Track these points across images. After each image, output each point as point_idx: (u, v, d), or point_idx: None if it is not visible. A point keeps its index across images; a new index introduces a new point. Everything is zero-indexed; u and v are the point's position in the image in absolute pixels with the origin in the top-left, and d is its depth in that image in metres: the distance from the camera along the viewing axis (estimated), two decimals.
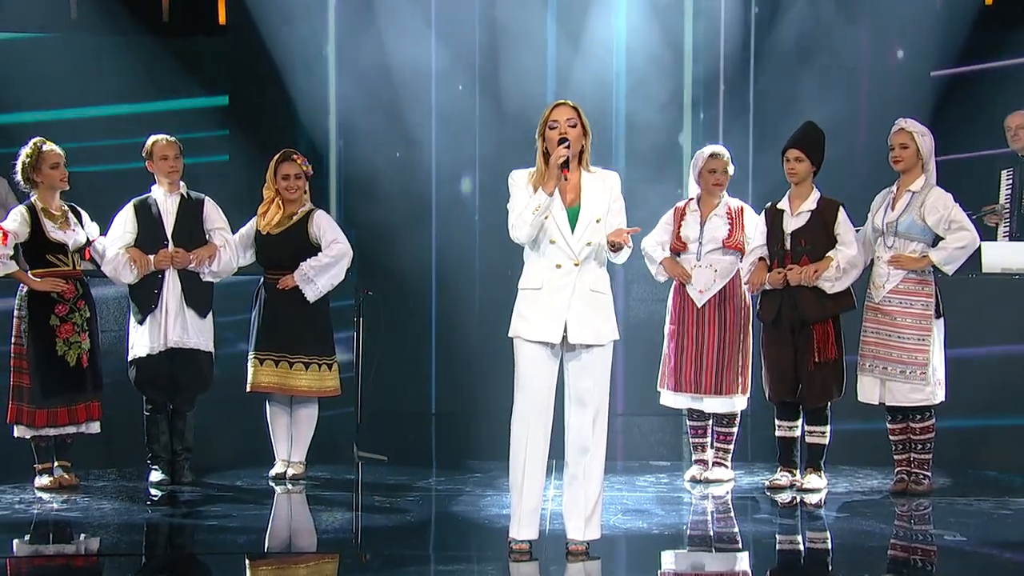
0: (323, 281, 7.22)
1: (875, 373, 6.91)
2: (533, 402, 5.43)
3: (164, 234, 7.15)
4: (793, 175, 7.05)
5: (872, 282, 6.96)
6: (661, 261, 7.31)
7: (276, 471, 7.35)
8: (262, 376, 7.21)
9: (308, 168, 7.32)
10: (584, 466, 5.50)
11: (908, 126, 6.90)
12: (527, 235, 5.43)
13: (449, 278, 10.13)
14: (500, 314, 5.69)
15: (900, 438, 6.98)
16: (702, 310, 7.22)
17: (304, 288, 7.20)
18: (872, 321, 6.95)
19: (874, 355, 6.92)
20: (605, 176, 5.56)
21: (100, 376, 7.04)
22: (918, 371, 6.83)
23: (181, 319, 7.11)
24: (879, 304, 6.92)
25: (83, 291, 6.99)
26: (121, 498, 6.84)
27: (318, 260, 7.22)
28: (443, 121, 10.09)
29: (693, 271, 7.24)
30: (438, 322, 10.16)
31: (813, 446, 7.08)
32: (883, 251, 6.93)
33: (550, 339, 5.42)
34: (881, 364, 6.90)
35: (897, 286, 6.88)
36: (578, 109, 5.52)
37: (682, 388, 7.24)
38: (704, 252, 7.24)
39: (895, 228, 6.88)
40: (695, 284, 7.23)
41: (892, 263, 6.88)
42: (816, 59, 9.95)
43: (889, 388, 6.88)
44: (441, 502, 6.83)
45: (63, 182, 6.94)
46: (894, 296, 6.88)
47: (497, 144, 9.80)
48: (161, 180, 7.22)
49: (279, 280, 7.21)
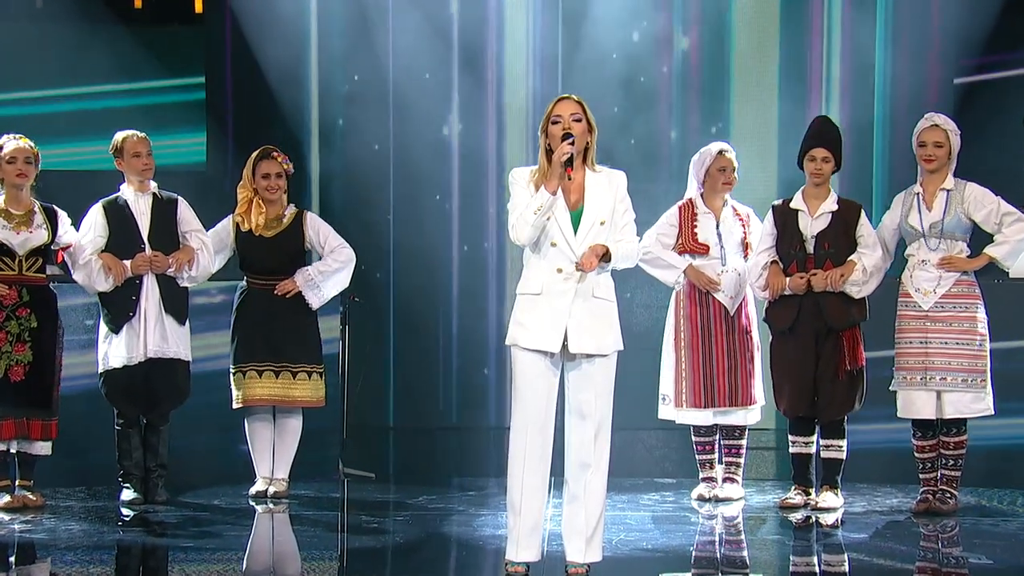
0: (329, 287, 7.25)
1: (930, 386, 6.83)
2: (531, 415, 5.42)
3: (140, 237, 7.13)
4: (819, 176, 7.04)
5: (915, 288, 6.89)
6: (685, 269, 7.27)
7: (257, 489, 7.33)
8: (258, 389, 7.19)
9: (289, 166, 7.32)
10: (585, 483, 5.48)
11: (943, 123, 6.89)
12: (528, 236, 5.43)
13: (445, 283, 10.13)
14: (497, 321, 5.70)
15: (930, 455, 6.95)
16: (732, 318, 7.22)
17: (308, 294, 7.21)
18: (918, 331, 6.87)
19: (926, 366, 6.84)
20: (611, 175, 5.55)
21: (47, 393, 6.89)
22: (979, 378, 6.80)
23: (160, 327, 7.10)
24: (929, 311, 6.85)
25: (31, 299, 6.89)
26: (90, 519, 6.83)
27: (326, 265, 7.24)
28: (435, 115, 10.09)
29: (720, 277, 7.23)
30: (430, 330, 10.15)
31: (829, 461, 7.08)
32: (927, 254, 6.88)
33: (549, 348, 5.40)
34: (939, 375, 6.83)
35: (950, 290, 6.85)
36: (583, 103, 5.50)
37: (712, 403, 7.19)
38: (728, 255, 7.24)
39: (940, 229, 6.86)
40: (725, 290, 7.22)
41: (944, 266, 6.85)
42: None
43: (948, 400, 6.82)
44: (433, 522, 6.83)
45: (20, 178, 6.88)
46: (947, 301, 6.85)
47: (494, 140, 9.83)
48: (132, 179, 7.21)
49: (276, 286, 7.20)
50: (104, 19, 10.01)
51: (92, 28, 9.97)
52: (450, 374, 10.03)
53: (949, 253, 6.85)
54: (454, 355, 9.96)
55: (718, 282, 7.21)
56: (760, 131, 10.06)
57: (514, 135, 10.02)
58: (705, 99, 10.15)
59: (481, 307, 9.90)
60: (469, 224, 10.16)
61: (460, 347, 9.93)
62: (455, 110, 10.08)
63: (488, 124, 10.06)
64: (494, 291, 9.89)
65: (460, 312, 9.96)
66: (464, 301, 9.99)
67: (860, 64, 9.98)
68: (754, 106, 10.06)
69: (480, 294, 10.03)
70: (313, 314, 7.31)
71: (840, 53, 10.03)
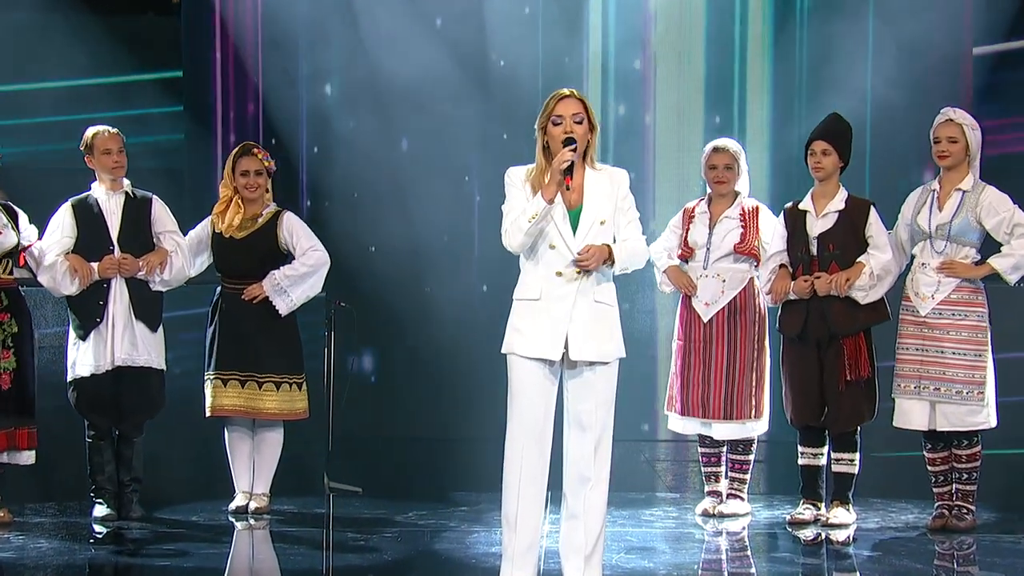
0: (298, 293, 7.21)
1: (923, 395, 6.85)
2: (528, 426, 5.42)
3: (109, 238, 7.11)
4: (819, 170, 7.03)
5: (915, 292, 6.90)
6: (665, 270, 7.31)
7: (236, 504, 7.31)
8: (225, 398, 7.18)
9: (270, 163, 7.29)
10: (584, 498, 5.49)
11: (957, 117, 6.87)
12: (521, 244, 5.42)
13: (436, 285, 10.12)
14: (493, 328, 5.68)
15: (942, 468, 6.95)
16: (708, 325, 7.20)
17: (276, 300, 7.17)
18: (915, 337, 6.90)
19: (920, 375, 6.86)
20: (612, 173, 5.55)
21: (30, 400, 6.95)
22: (975, 390, 6.79)
23: (129, 334, 7.07)
24: (926, 317, 6.86)
25: (9, 302, 6.92)
26: (61, 536, 6.80)
27: (293, 269, 7.21)
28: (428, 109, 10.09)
29: (699, 281, 7.23)
30: (420, 336, 10.15)
31: (840, 476, 7.06)
32: (930, 257, 6.88)
33: (548, 356, 5.40)
34: (932, 385, 6.84)
35: (948, 296, 6.85)
36: (585, 102, 5.50)
37: (689, 412, 7.23)
38: (712, 259, 7.23)
39: (947, 231, 6.85)
40: (700, 296, 7.22)
41: (944, 270, 6.84)
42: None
43: (942, 411, 6.83)
44: (423, 539, 6.82)
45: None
46: (945, 308, 6.85)
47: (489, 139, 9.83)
48: (103, 177, 7.18)
49: (244, 290, 7.18)
50: (71, 6, 9.97)
51: (58, 16, 9.94)
52: (441, 382, 10.01)
53: (952, 258, 6.83)
54: (445, 362, 9.93)
55: (695, 286, 7.19)
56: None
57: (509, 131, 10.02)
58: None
59: (474, 312, 9.89)
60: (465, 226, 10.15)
61: (452, 354, 9.92)
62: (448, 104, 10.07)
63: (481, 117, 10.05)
64: (488, 295, 9.87)
65: (452, 317, 9.95)
66: (456, 304, 9.98)
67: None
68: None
69: (473, 298, 10.01)
70: (291, 320, 7.29)
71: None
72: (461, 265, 10.13)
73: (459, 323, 9.84)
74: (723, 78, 10.11)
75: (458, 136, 10.00)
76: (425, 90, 9.99)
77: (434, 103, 10.01)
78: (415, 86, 9.95)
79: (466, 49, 9.95)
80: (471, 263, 10.13)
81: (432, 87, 9.97)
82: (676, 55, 10.16)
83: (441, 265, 10.09)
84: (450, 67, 9.97)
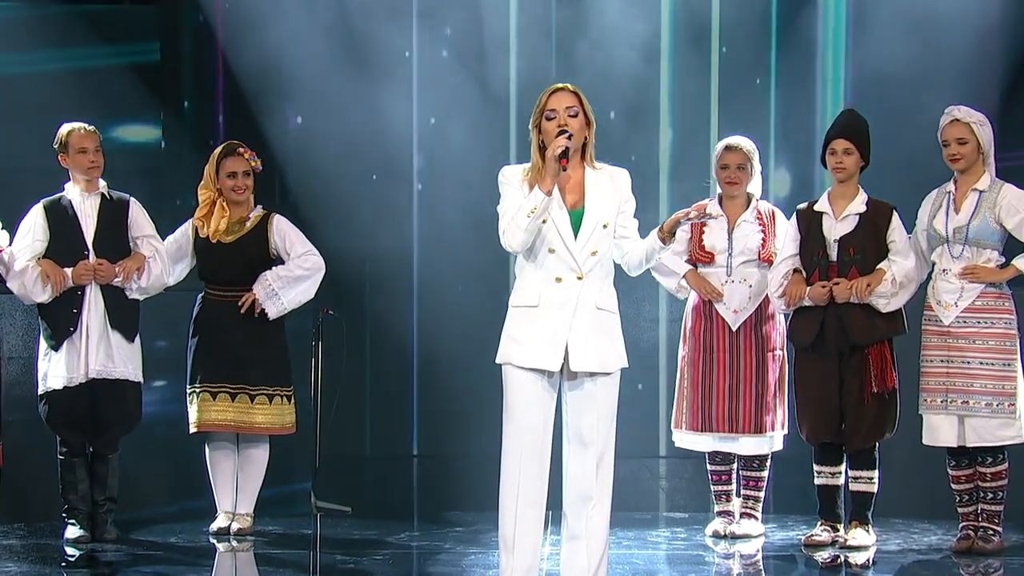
0: (290, 297, 7.22)
1: (951, 410, 6.81)
2: (526, 442, 5.41)
3: (83, 242, 7.10)
4: (840, 170, 7.01)
5: (937, 301, 6.88)
6: (685, 274, 7.27)
7: (218, 525, 7.32)
8: (214, 412, 7.17)
9: (257, 163, 7.31)
10: (586, 518, 5.48)
11: (964, 115, 6.85)
12: (521, 242, 5.41)
13: (430, 292, 10.11)
14: (490, 337, 5.66)
15: (966, 486, 6.92)
16: (736, 333, 7.19)
17: (266, 303, 7.18)
18: (939, 348, 6.87)
19: (947, 388, 6.82)
20: (613, 173, 5.56)
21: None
22: (1005, 402, 6.76)
23: (105, 344, 7.06)
24: (949, 327, 6.83)
25: None
26: (32, 559, 6.79)
27: (288, 270, 7.21)
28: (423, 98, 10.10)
29: (724, 287, 7.20)
30: (413, 346, 10.14)
31: (859, 495, 7.04)
32: (949, 262, 6.86)
33: (547, 366, 5.40)
34: (959, 398, 6.81)
35: (972, 303, 6.82)
36: (579, 95, 5.52)
37: (711, 427, 7.19)
38: (735, 264, 7.22)
39: (965, 234, 6.83)
40: (728, 303, 7.20)
41: (966, 276, 6.81)
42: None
43: (971, 426, 6.79)
44: (416, 562, 6.84)
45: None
46: (970, 315, 6.82)
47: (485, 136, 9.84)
48: (77, 177, 7.17)
49: (239, 298, 7.16)
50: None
51: (30, 8, 9.95)
52: (434, 396, 10.01)
53: (974, 262, 6.81)
54: (438, 375, 9.93)
55: (721, 292, 7.18)
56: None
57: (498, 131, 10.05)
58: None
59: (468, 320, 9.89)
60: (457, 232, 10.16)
61: (444, 366, 9.92)
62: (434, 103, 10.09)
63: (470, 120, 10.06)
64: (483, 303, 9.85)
65: (444, 327, 9.96)
66: (448, 315, 9.99)
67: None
68: None
69: (466, 306, 10.01)
70: (280, 329, 7.28)
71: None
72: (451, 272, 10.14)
73: (452, 332, 9.85)
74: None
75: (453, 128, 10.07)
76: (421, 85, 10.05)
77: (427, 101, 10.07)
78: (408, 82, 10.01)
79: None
80: (460, 271, 10.14)
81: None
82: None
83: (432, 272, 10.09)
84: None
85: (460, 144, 9.95)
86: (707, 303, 7.24)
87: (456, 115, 10.06)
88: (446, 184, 10.06)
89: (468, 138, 9.96)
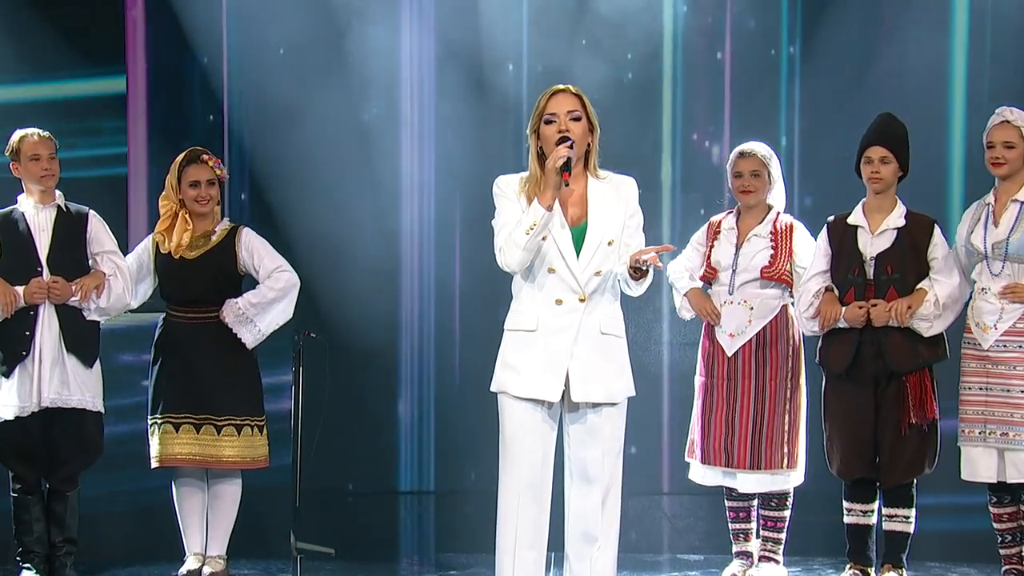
0: (266, 322, 7.22)
1: (990, 442, 6.79)
2: (524, 478, 5.44)
3: (36, 258, 7.07)
4: (877, 180, 6.97)
5: (976, 323, 6.86)
6: (686, 293, 7.23)
7: (188, 568, 7.29)
8: (177, 445, 7.16)
9: (222, 172, 7.31)
10: (591, 561, 5.52)
11: (1015, 118, 6.84)
12: (519, 261, 5.42)
13: (423, 312, 10.09)
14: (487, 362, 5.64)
15: (1009, 525, 6.90)
16: (733, 359, 7.13)
17: (240, 331, 7.17)
18: (978, 374, 6.84)
19: (986, 418, 6.80)
20: (619, 183, 5.58)
21: None
22: None
23: (60, 370, 7.04)
24: (989, 351, 6.81)
25: None
26: None
27: (260, 295, 7.20)
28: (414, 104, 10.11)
29: (723, 308, 7.15)
30: (402, 372, 10.14)
31: (893, 535, 7.00)
32: (989, 280, 6.83)
33: (547, 396, 5.41)
34: (999, 429, 6.77)
35: (1014, 325, 6.79)
36: (582, 97, 5.54)
37: (711, 460, 7.16)
38: (738, 283, 7.16)
39: (1004, 250, 6.80)
40: (724, 326, 7.15)
41: (1007, 295, 6.78)
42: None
43: (1011, 460, 6.76)
44: None
45: None
46: (1010, 339, 6.79)
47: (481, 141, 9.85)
48: (31, 188, 7.17)
49: (204, 320, 7.14)
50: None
51: None
52: (423, 427, 9.99)
53: (1015, 280, 6.77)
54: (428, 404, 9.91)
55: (719, 313, 7.12)
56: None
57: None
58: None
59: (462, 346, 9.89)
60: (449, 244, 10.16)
61: (436, 395, 9.90)
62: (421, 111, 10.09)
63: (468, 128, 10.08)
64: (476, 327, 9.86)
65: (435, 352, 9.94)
66: (439, 339, 9.97)
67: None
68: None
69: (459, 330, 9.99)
70: (250, 354, 7.25)
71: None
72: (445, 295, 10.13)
73: (445, 357, 9.82)
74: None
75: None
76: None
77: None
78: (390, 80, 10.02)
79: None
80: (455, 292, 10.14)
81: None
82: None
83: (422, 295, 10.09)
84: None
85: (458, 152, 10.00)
86: (711, 325, 7.20)
87: (453, 123, 10.06)
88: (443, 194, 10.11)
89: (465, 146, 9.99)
